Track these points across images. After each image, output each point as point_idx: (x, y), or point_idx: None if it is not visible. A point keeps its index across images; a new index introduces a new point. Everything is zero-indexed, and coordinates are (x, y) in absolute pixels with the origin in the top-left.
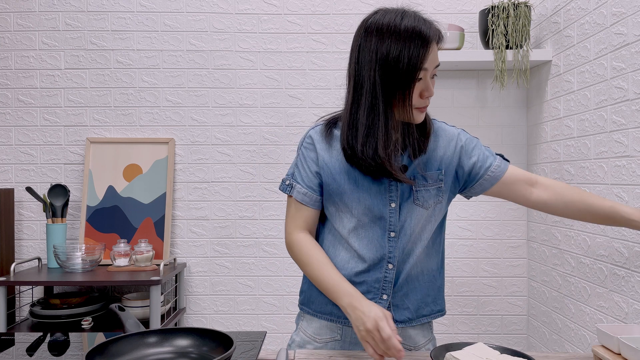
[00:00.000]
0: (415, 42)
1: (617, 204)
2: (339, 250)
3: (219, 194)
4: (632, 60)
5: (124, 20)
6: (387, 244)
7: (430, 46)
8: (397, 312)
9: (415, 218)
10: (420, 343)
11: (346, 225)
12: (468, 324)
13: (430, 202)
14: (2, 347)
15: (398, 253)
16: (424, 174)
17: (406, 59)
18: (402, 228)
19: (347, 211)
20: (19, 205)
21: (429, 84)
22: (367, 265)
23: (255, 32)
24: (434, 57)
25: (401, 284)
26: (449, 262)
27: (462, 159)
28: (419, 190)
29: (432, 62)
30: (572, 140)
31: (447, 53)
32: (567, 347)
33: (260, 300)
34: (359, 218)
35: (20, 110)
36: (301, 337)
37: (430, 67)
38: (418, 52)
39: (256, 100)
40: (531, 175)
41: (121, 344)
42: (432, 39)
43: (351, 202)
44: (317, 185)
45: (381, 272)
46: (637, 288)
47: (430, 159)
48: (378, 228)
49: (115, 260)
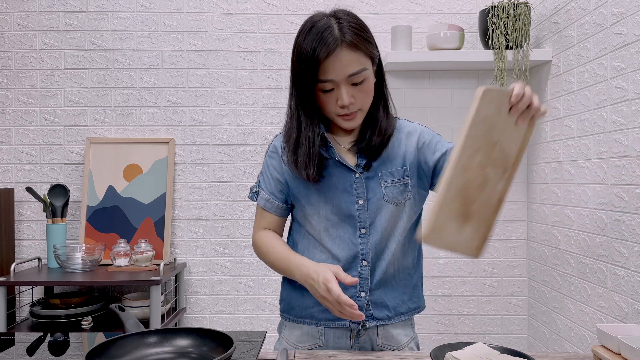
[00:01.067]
0: (309, 60)
1: None
2: (314, 253)
3: (219, 194)
4: (632, 60)
5: (124, 20)
6: (359, 241)
7: (322, 63)
8: (376, 310)
9: (385, 214)
10: (403, 342)
11: (316, 227)
12: (468, 324)
13: (399, 198)
14: (2, 347)
15: (371, 249)
16: (390, 170)
17: (304, 75)
18: (373, 224)
19: (315, 213)
20: (19, 205)
21: (342, 94)
22: (342, 264)
23: (255, 32)
24: (339, 67)
25: (378, 281)
26: (449, 262)
27: (426, 155)
28: (387, 186)
29: (339, 73)
30: (572, 140)
31: (447, 53)
32: (567, 347)
33: (260, 300)
34: (327, 218)
35: (20, 110)
36: (284, 346)
37: (338, 78)
38: (312, 69)
39: (256, 100)
40: None
41: (121, 344)
42: (322, 56)
43: (318, 203)
44: (279, 192)
45: (356, 270)
46: (637, 288)
47: (393, 156)
48: (348, 226)
49: (115, 260)
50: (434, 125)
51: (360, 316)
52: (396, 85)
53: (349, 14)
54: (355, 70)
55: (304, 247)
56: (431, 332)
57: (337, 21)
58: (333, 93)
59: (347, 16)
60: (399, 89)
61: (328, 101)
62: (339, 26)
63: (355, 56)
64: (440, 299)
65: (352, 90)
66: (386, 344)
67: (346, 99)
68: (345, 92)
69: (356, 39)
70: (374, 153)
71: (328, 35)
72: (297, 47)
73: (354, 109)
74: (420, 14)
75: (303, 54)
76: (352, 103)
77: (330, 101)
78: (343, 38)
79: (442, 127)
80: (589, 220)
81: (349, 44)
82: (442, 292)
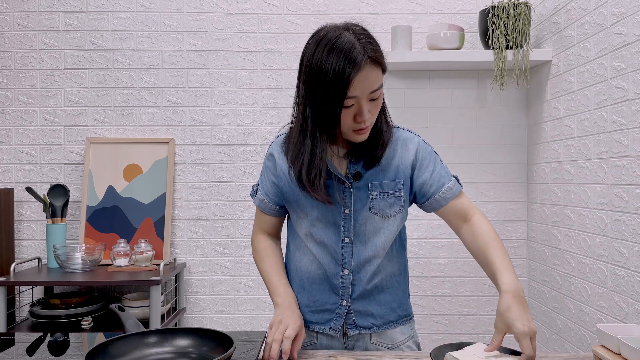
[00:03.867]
0: (337, 82)
1: (500, 271)
2: (302, 254)
3: (219, 194)
4: (632, 60)
5: (124, 20)
6: (341, 249)
7: (352, 82)
8: (360, 318)
9: (371, 226)
10: (398, 340)
11: (304, 230)
12: (468, 324)
13: (388, 212)
14: (2, 347)
15: (354, 259)
16: (380, 182)
17: (329, 97)
18: (357, 235)
19: (303, 216)
20: (19, 205)
21: (362, 110)
22: (324, 270)
23: (255, 32)
24: (365, 84)
25: (362, 290)
26: (449, 262)
27: (415, 172)
28: (375, 198)
29: (364, 90)
30: (572, 140)
31: (447, 53)
32: (567, 347)
33: (260, 300)
34: (313, 223)
35: (20, 110)
36: None
37: (362, 94)
38: (340, 90)
39: (256, 100)
40: (469, 210)
41: (121, 344)
42: (353, 75)
43: (306, 208)
44: (273, 194)
45: (338, 278)
46: (637, 288)
47: (386, 168)
48: (332, 234)
49: (115, 260)
50: (434, 125)
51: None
52: (396, 85)
53: (362, 27)
54: (377, 86)
55: (295, 247)
56: (431, 332)
57: (355, 37)
58: (351, 109)
59: (360, 30)
60: (399, 89)
61: (346, 116)
62: (359, 42)
63: (376, 72)
64: (440, 299)
65: (369, 105)
66: (380, 341)
67: (367, 115)
68: (366, 108)
69: (376, 54)
70: (368, 164)
71: (356, 53)
72: (316, 66)
73: (369, 123)
74: (420, 14)
75: (329, 75)
76: (369, 118)
77: (349, 117)
78: (366, 54)
79: (442, 127)
80: (589, 220)
81: (372, 60)
82: (442, 292)
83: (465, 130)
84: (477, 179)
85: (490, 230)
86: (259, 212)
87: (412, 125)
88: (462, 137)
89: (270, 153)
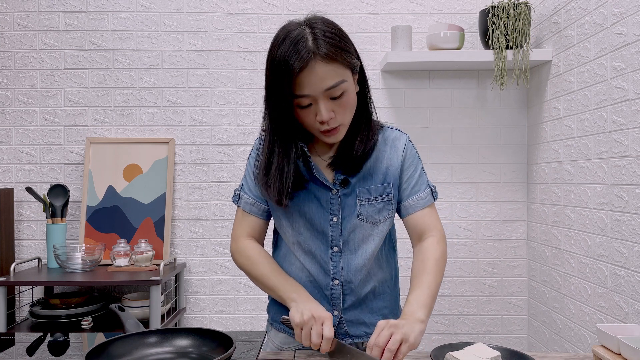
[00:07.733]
0: (282, 73)
1: (413, 294)
2: (289, 263)
3: (219, 194)
4: (632, 60)
5: (124, 20)
6: (330, 259)
7: (298, 77)
8: (352, 328)
9: (359, 233)
10: None
11: (290, 239)
12: (468, 324)
13: (377, 217)
14: (2, 347)
15: (343, 268)
16: (367, 188)
17: (278, 90)
18: (346, 243)
19: (289, 225)
20: (19, 205)
21: (320, 110)
22: (313, 279)
23: (255, 32)
24: (315, 80)
25: (353, 299)
26: (449, 262)
27: (401, 172)
28: (363, 204)
29: (316, 87)
30: (572, 140)
31: (447, 53)
32: (567, 347)
33: (260, 300)
34: (300, 232)
35: (20, 110)
36: (270, 348)
37: (315, 92)
38: (286, 84)
39: (256, 100)
40: (428, 230)
41: (121, 344)
42: (298, 68)
43: (291, 216)
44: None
45: (328, 288)
46: (637, 288)
47: (373, 171)
48: (320, 243)
49: (115, 260)
50: (434, 125)
51: None
52: (396, 85)
53: (325, 21)
54: (332, 83)
55: (283, 255)
56: (431, 332)
57: (311, 31)
58: (312, 108)
59: (322, 25)
60: (399, 89)
61: (307, 117)
62: (313, 37)
63: (331, 68)
64: (440, 299)
65: (331, 104)
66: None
67: (325, 114)
68: (324, 107)
69: (332, 50)
70: (353, 168)
71: (301, 47)
72: (270, 58)
73: (334, 124)
74: (420, 14)
75: (276, 66)
76: (332, 118)
77: (309, 117)
78: (317, 50)
79: (442, 127)
80: (589, 220)
81: (324, 56)
82: (442, 292)
83: (465, 130)
84: (477, 179)
85: (434, 260)
86: (245, 215)
87: (412, 125)
88: (462, 137)
89: (256, 152)
